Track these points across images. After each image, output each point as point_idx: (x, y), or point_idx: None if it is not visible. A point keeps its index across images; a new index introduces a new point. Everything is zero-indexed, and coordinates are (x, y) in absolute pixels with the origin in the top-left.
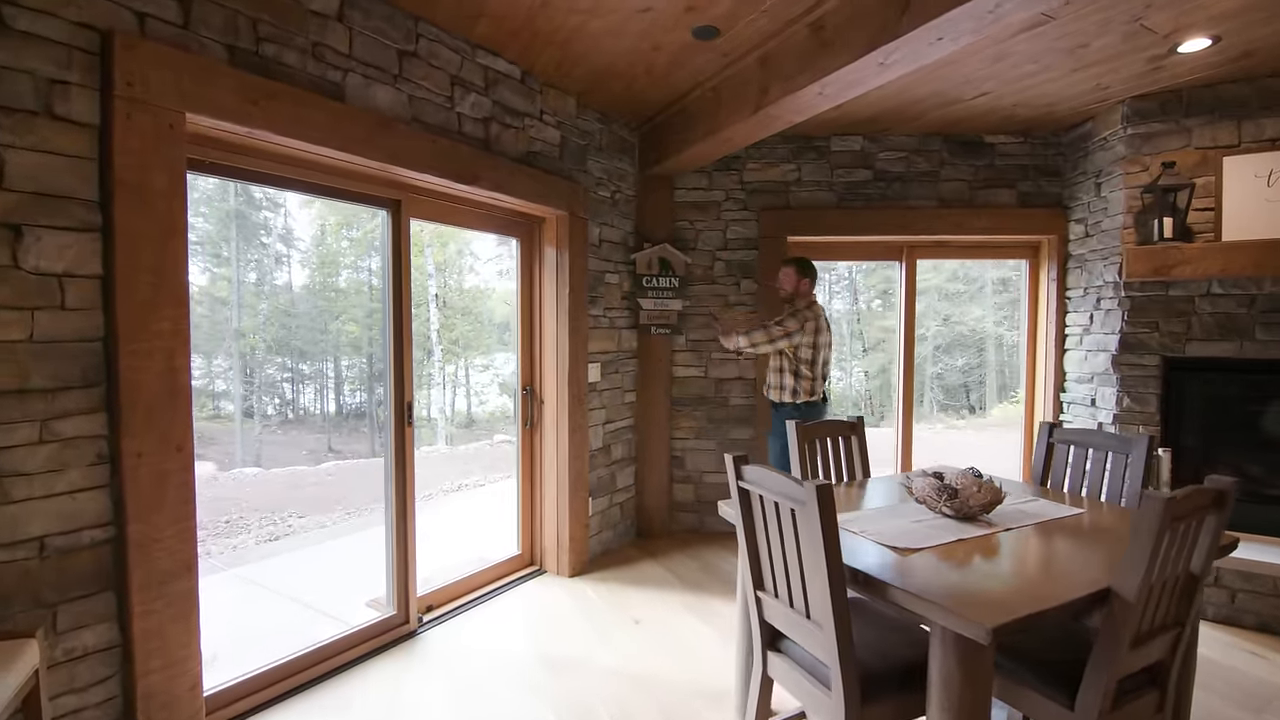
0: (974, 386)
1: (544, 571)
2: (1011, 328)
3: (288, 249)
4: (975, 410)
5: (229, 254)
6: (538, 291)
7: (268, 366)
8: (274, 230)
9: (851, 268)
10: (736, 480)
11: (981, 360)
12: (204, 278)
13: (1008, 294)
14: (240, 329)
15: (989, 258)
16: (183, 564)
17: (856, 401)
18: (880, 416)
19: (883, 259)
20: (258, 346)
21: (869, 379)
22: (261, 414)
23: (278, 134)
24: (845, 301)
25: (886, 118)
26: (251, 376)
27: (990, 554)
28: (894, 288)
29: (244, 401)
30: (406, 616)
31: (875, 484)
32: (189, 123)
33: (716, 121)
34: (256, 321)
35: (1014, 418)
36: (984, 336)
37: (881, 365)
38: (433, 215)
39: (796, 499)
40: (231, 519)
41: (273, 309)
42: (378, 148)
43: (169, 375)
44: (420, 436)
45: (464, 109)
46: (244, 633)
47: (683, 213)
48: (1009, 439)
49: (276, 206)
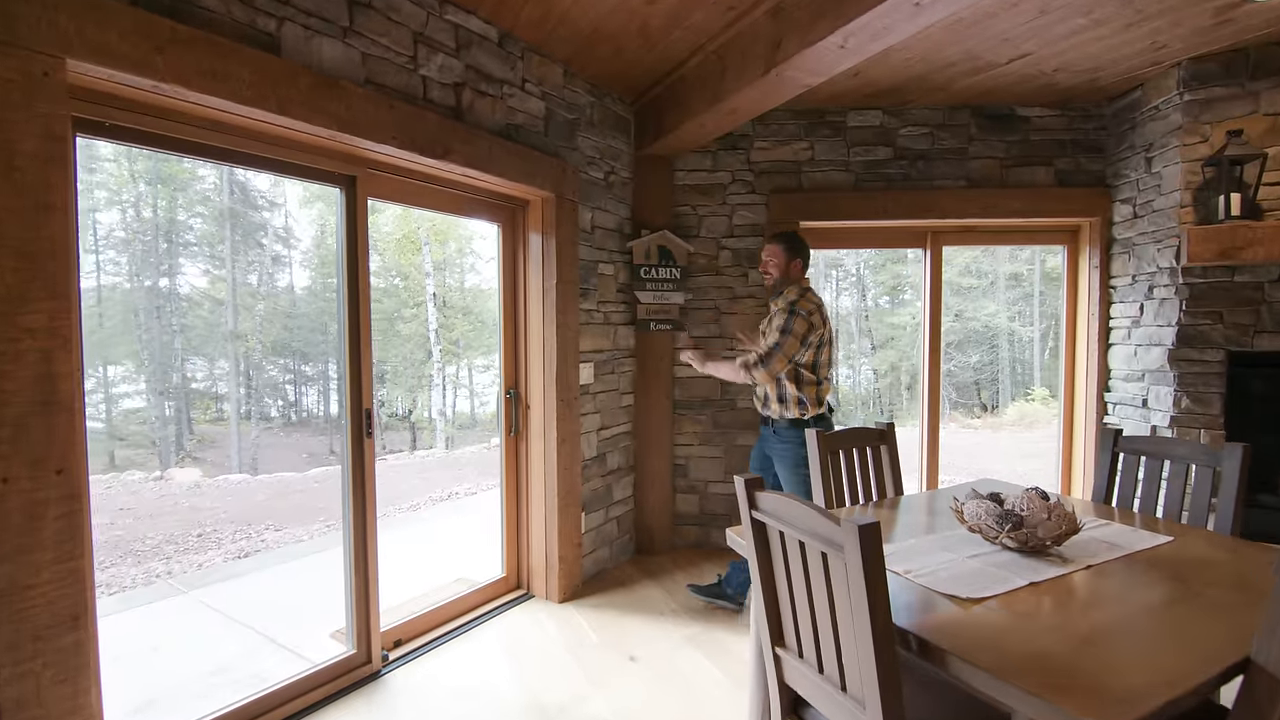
0: (985, 384)
1: (531, 596)
2: (1026, 323)
3: (287, 249)
4: (989, 408)
5: (224, 254)
6: (522, 283)
7: (269, 368)
8: (271, 230)
9: (860, 263)
10: (750, 510)
11: (995, 357)
12: (204, 279)
13: (1021, 289)
14: (237, 331)
15: (1023, 244)
16: (68, 614)
17: (865, 400)
18: (890, 415)
19: (904, 246)
20: (254, 349)
21: (878, 378)
22: (264, 416)
23: (192, 90)
24: (853, 298)
25: (910, 87)
26: (249, 379)
27: (1076, 604)
28: (904, 283)
29: (242, 404)
30: (368, 655)
31: (911, 504)
32: (72, 72)
33: (720, 88)
34: (254, 323)
35: (1031, 416)
36: (997, 332)
37: (891, 363)
38: (396, 195)
39: (830, 540)
40: (205, 532)
41: (271, 310)
42: (322, 112)
43: (44, 383)
44: (420, 439)
45: (430, 72)
46: (188, 671)
47: (684, 196)
48: (1029, 439)
49: (274, 206)
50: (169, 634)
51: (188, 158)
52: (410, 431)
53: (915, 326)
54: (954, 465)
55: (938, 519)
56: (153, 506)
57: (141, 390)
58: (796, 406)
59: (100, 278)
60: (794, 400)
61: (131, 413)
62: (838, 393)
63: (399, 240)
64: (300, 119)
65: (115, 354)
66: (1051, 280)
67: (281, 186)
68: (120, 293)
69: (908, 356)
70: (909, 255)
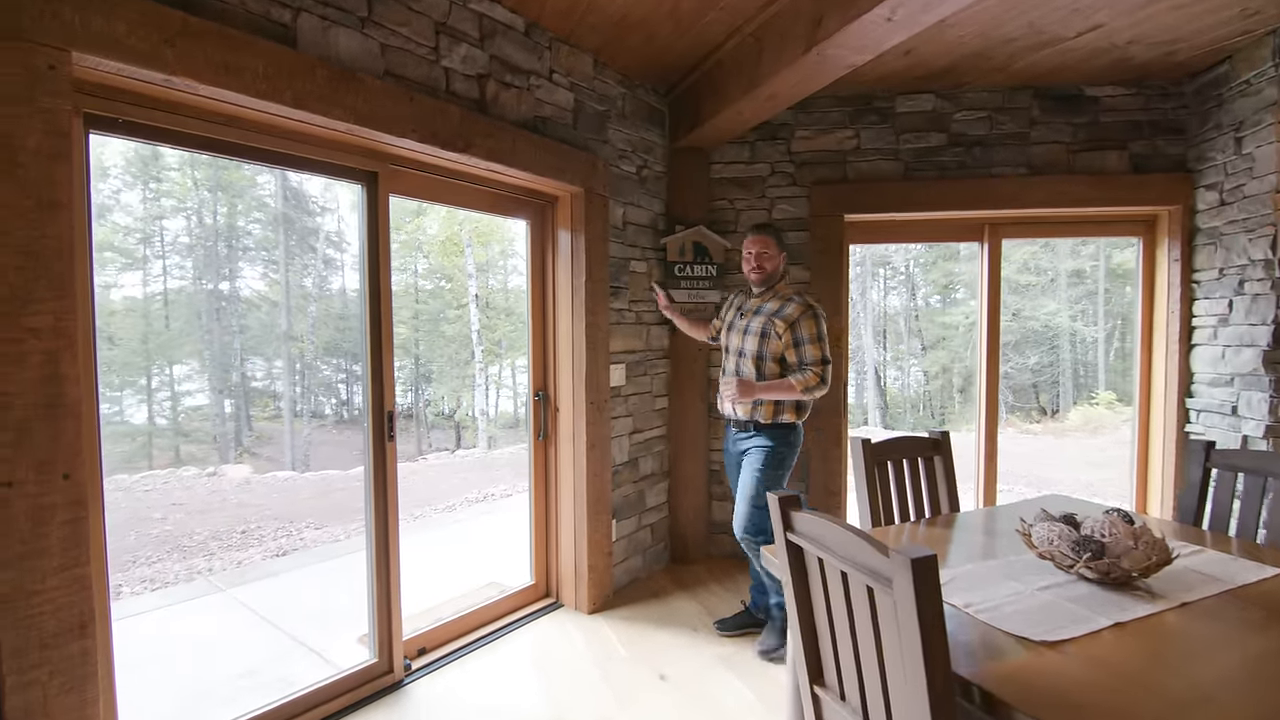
0: (1045, 387)
1: (560, 605)
2: (1089, 322)
3: (339, 253)
4: (1048, 413)
5: (280, 258)
6: (551, 282)
7: (322, 368)
8: (324, 234)
9: (910, 260)
10: (785, 531)
11: (1055, 358)
12: (261, 282)
13: (1083, 286)
14: (291, 332)
15: (1092, 235)
16: (75, 621)
17: (915, 403)
18: (941, 419)
19: (959, 240)
20: (307, 349)
21: (928, 380)
22: (317, 414)
23: (204, 83)
24: (901, 297)
25: (965, 67)
26: (303, 378)
27: (1172, 651)
28: (957, 281)
29: (296, 402)
30: (390, 664)
31: (969, 523)
32: (81, 67)
33: (758, 72)
34: (307, 324)
35: (1096, 422)
36: (1057, 332)
37: (943, 365)
38: (419, 191)
39: (877, 573)
40: (249, 529)
41: (324, 312)
42: (340, 105)
43: (49, 384)
44: (462, 439)
45: (453, 63)
46: (218, 674)
47: (721, 190)
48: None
49: (326, 210)
50: (204, 633)
51: (204, 154)
52: (455, 430)
53: (969, 326)
54: (1012, 473)
55: (1000, 541)
56: (204, 502)
57: (204, 389)
58: (792, 411)
59: (167, 281)
60: (791, 405)
61: (195, 410)
62: (885, 394)
63: (443, 243)
64: (317, 113)
65: (180, 354)
66: (1117, 277)
67: (333, 191)
68: (185, 295)
69: (960, 358)
70: (962, 251)
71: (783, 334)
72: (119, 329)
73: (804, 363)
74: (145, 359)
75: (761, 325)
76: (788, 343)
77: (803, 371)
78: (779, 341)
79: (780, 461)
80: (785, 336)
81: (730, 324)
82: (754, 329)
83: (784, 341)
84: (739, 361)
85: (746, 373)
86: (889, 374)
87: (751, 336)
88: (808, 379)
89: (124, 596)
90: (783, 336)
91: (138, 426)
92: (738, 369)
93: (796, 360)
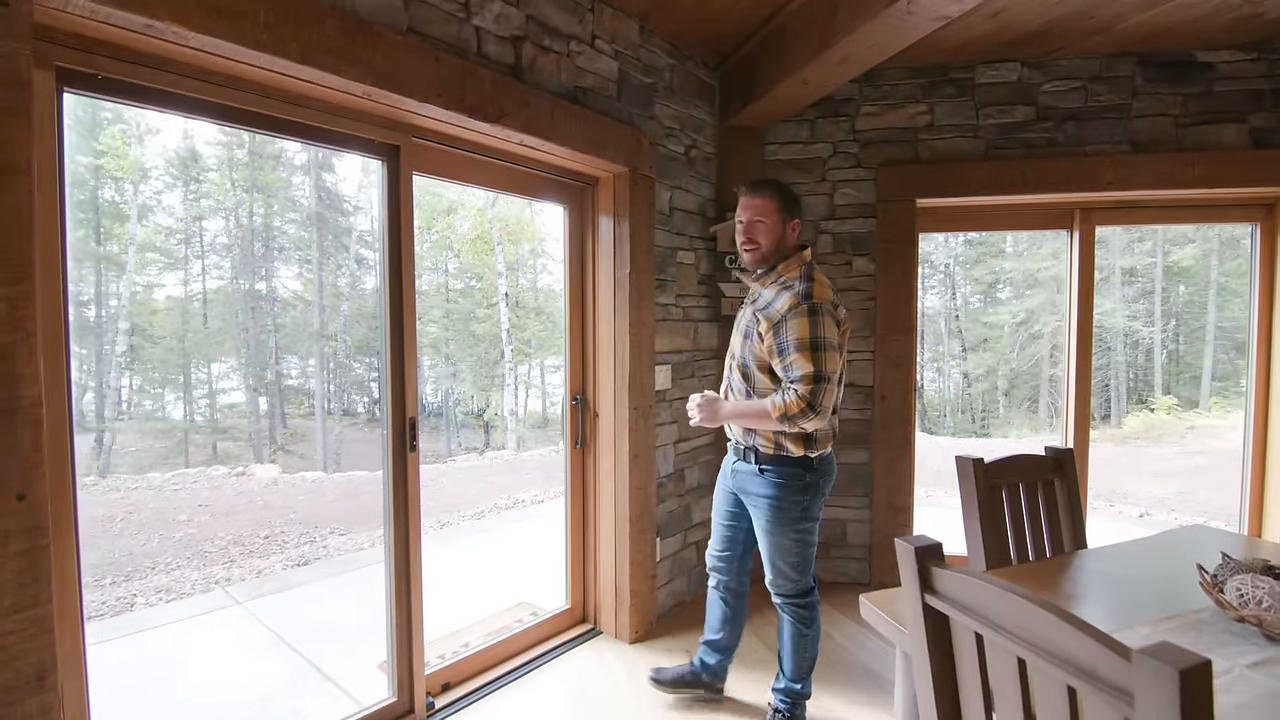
0: (1097, 390)
1: (599, 633)
2: (1147, 323)
3: (371, 253)
4: (1102, 418)
5: (313, 257)
6: (591, 274)
7: (355, 367)
8: (356, 233)
9: (951, 258)
10: (922, 592)
11: (1109, 360)
12: (296, 282)
13: (1138, 284)
14: (324, 330)
15: (1199, 221)
16: (32, 673)
17: (955, 407)
18: (984, 425)
19: (1045, 227)
20: (340, 348)
21: (970, 383)
22: (348, 412)
23: (192, 29)
24: (941, 297)
25: (1060, 30)
26: (336, 376)
27: None
28: (1002, 279)
29: (328, 400)
30: (410, 703)
31: (1108, 570)
32: (46, 8)
33: (831, 31)
34: (340, 323)
35: (1158, 429)
36: (1112, 333)
37: (987, 367)
38: (445, 169)
39: (1106, 682)
40: (272, 533)
41: (356, 311)
42: (356, 63)
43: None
44: (491, 439)
45: (485, 22)
46: (231, 703)
47: (776, 173)
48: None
49: (359, 210)
50: (218, 653)
51: (199, 119)
52: (483, 431)
53: (1015, 326)
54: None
55: (1159, 587)
56: (230, 504)
57: (240, 386)
58: (798, 441)
59: (206, 281)
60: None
61: (231, 407)
62: (923, 398)
63: (473, 241)
64: (328, 70)
65: (218, 351)
66: (1174, 275)
67: (366, 191)
68: (223, 294)
69: (1006, 360)
70: (1007, 249)
71: (765, 335)
72: (160, 327)
73: (789, 378)
74: (183, 356)
75: (748, 321)
76: (770, 348)
77: (785, 392)
78: (760, 344)
79: (796, 514)
80: (768, 339)
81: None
82: (742, 326)
83: (766, 344)
84: (729, 371)
85: (735, 385)
86: (926, 376)
87: (738, 336)
88: (788, 403)
89: (137, 608)
90: (765, 339)
91: (175, 423)
92: (729, 381)
93: (782, 373)
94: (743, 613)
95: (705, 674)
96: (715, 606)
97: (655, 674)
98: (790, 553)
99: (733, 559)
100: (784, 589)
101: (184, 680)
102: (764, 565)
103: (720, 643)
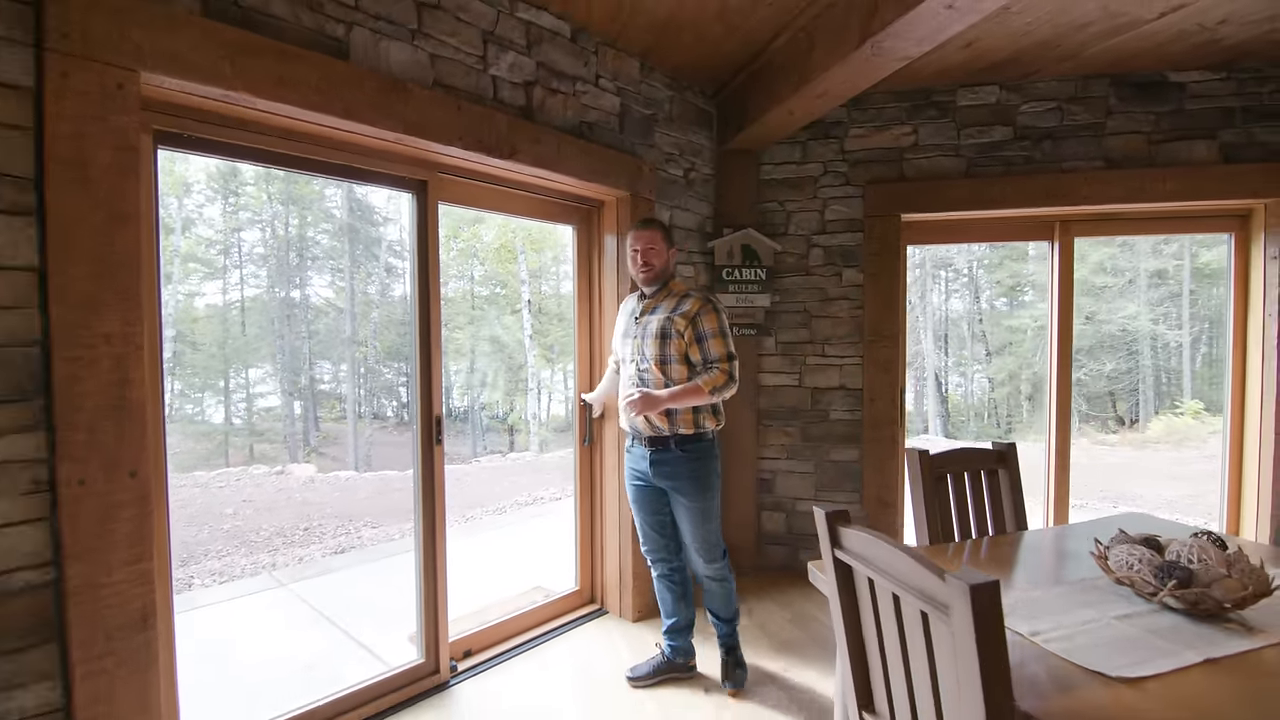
0: (1123, 395)
1: (605, 612)
2: (1173, 325)
3: (400, 261)
4: (1125, 423)
5: (345, 266)
6: (597, 287)
7: (384, 372)
8: (386, 243)
9: (973, 261)
10: (832, 548)
11: (1134, 365)
12: (329, 290)
13: (1166, 287)
14: (356, 337)
15: (1175, 233)
16: (138, 614)
17: (979, 412)
18: (1007, 429)
19: (1027, 239)
20: (370, 354)
21: (994, 387)
22: (378, 416)
23: (260, 97)
24: (964, 300)
25: (1031, 56)
26: (366, 381)
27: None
28: (1024, 283)
29: (359, 404)
30: (436, 665)
31: (1037, 543)
32: (148, 85)
33: (808, 69)
34: (370, 330)
35: (1181, 433)
36: (1137, 336)
37: (1009, 371)
38: (467, 199)
39: (932, 599)
40: (310, 526)
41: (385, 318)
42: (390, 115)
43: (116, 388)
44: (515, 442)
45: (500, 71)
46: (278, 667)
47: (771, 192)
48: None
49: (389, 220)
50: (266, 627)
51: (263, 166)
52: (508, 434)
53: (1038, 330)
54: (1085, 488)
55: (1072, 564)
56: (271, 500)
57: (275, 391)
58: (711, 417)
59: (244, 290)
60: (709, 410)
61: (268, 410)
62: (947, 402)
63: (498, 249)
64: (367, 123)
65: (255, 357)
66: (1204, 277)
67: (396, 202)
68: (260, 303)
69: (1029, 364)
70: (1030, 252)
71: (684, 330)
72: (201, 334)
73: (709, 360)
74: (223, 362)
75: (660, 325)
76: (690, 339)
77: (709, 370)
78: (680, 340)
79: (714, 482)
80: (687, 333)
81: (625, 332)
82: (652, 331)
83: (686, 339)
84: (640, 370)
85: (652, 380)
86: (951, 380)
87: (651, 340)
88: (714, 378)
89: (195, 588)
90: (684, 334)
91: (216, 426)
92: (640, 379)
93: (701, 358)
94: (689, 585)
95: (677, 658)
96: (665, 593)
97: (632, 675)
98: (712, 516)
99: (667, 543)
100: (712, 557)
101: (239, 649)
102: (690, 550)
103: (679, 624)
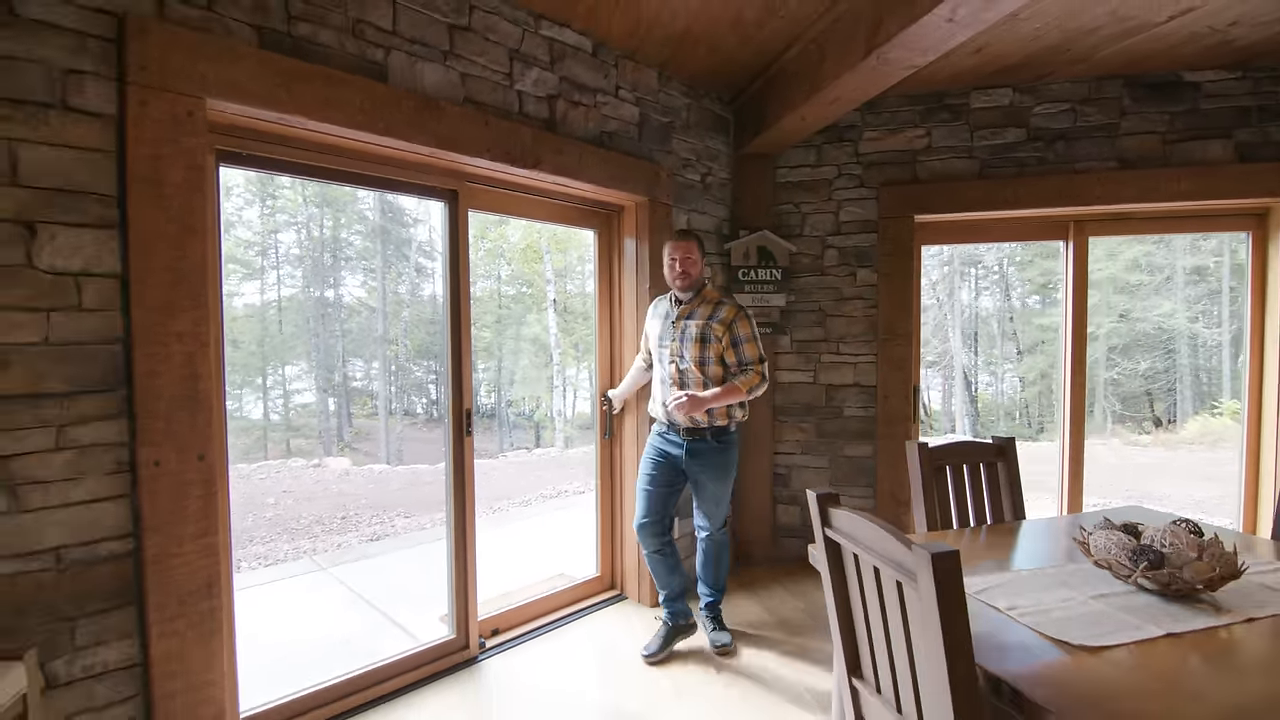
0: (1159, 395)
1: (624, 597)
2: (1211, 324)
3: (430, 262)
4: (1162, 423)
5: (377, 266)
6: (617, 288)
7: (414, 370)
8: (416, 244)
9: (1004, 258)
10: (823, 527)
11: (1171, 364)
12: (361, 290)
13: (1205, 284)
14: (387, 335)
15: (1192, 231)
16: (204, 581)
17: (1010, 411)
18: (1039, 429)
19: (1042, 239)
20: (401, 352)
21: (1025, 386)
22: (409, 412)
23: (310, 119)
24: (994, 298)
25: (1042, 60)
26: (397, 379)
27: (1231, 666)
28: (1055, 280)
29: (391, 401)
30: (466, 641)
31: (1032, 531)
32: (213, 110)
33: (819, 78)
34: (401, 329)
35: (1217, 433)
36: (1173, 335)
37: (1041, 370)
38: (495, 206)
39: (902, 567)
40: (347, 515)
41: (415, 317)
42: (425, 131)
43: (188, 381)
44: (541, 439)
45: (525, 86)
46: (318, 643)
47: (786, 195)
48: (1212, 460)
49: (419, 222)
50: (308, 606)
51: (311, 180)
52: (534, 430)
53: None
54: (1112, 487)
55: (1060, 549)
56: (309, 491)
57: (311, 388)
58: (741, 410)
59: (280, 289)
60: (739, 404)
61: (303, 407)
62: (977, 401)
63: (524, 250)
64: (404, 139)
65: (291, 355)
66: (1245, 274)
67: (425, 205)
68: (295, 302)
69: (1060, 363)
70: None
71: (721, 336)
72: (241, 333)
73: (744, 362)
74: (262, 360)
75: (699, 330)
76: (726, 344)
77: (745, 372)
78: (719, 344)
79: (735, 467)
80: (724, 338)
81: (660, 335)
82: (691, 335)
83: (724, 343)
84: (680, 370)
85: (692, 380)
86: (981, 379)
87: (691, 343)
88: (750, 379)
89: (242, 570)
90: (722, 339)
91: (255, 421)
92: (682, 379)
93: (736, 361)
94: (678, 554)
95: (678, 620)
96: (659, 565)
97: (646, 652)
98: (727, 492)
99: (663, 518)
100: (718, 523)
101: (284, 624)
102: (702, 515)
103: (674, 591)
